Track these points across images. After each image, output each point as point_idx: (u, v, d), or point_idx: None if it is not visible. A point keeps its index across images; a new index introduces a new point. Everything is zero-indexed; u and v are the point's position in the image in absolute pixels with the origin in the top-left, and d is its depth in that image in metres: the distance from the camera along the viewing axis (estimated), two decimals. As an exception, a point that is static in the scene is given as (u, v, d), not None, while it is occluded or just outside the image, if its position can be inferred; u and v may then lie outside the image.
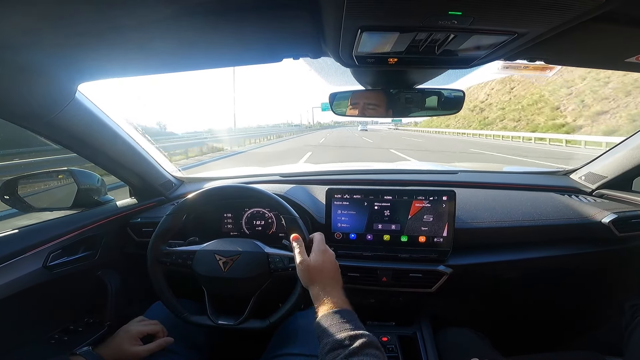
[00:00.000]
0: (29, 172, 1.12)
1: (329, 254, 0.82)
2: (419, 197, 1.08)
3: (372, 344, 0.60)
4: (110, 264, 1.18)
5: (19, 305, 0.89)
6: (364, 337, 0.60)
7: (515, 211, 1.19)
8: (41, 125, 0.91)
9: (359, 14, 0.56)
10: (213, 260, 0.93)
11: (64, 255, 1.01)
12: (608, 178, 1.28)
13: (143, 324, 0.94)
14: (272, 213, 1.29)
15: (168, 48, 0.77)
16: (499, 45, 0.68)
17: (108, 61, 0.82)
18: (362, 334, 0.61)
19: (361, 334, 0.61)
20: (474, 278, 1.22)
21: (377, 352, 0.59)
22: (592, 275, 1.31)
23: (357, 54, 0.73)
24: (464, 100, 0.98)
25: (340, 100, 1.01)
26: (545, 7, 0.53)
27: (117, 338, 0.88)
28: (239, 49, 0.83)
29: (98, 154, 1.09)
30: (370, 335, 0.61)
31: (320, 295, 0.73)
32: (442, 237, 1.09)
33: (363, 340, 0.59)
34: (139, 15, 0.60)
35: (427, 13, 0.55)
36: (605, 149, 1.37)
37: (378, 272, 1.11)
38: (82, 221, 1.10)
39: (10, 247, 0.90)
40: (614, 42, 0.75)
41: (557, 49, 0.79)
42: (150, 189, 1.34)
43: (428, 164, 1.94)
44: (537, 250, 1.16)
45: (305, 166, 1.90)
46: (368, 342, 0.59)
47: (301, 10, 0.63)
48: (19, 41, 0.63)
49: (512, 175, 1.61)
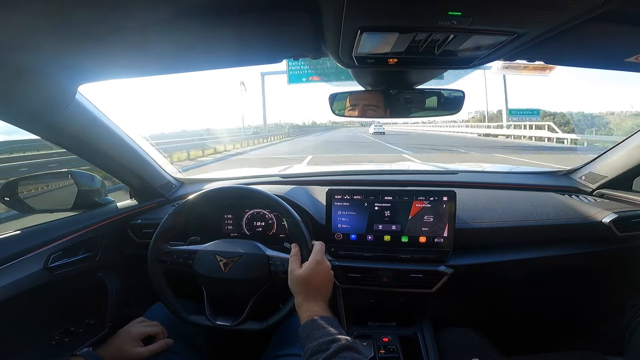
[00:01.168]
0: (29, 174, 1.12)
1: (324, 266, 0.82)
2: (419, 198, 1.08)
3: (349, 346, 0.62)
4: (111, 266, 1.19)
5: (19, 306, 0.89)
6: (341, 340, 0.63)
7: (516, 211, 1.19)
8: (41, 127, 0.91)
9: (359, 15, 0.56)
10: (214, 260, 0.93)
11: (64, 257, 1.01)
12: (608, 178, 1.28)
13: (144, 325, 0.94)
14: (272, 214, 1.29)
15: (168, 49, 0.78)
16: (499, 46, 0.68)
17: (108, 62, 0.82)
18: (339, 338, 0.64)
19: (338, 338, 0.64)
20: (474, 278, 1.21)
21: (354, 354, 0.61)
22: (593, 275, 1.31)
23: (356, 55, 0.73)
24: (464, 100, 0.99)
25: (340, 100, 1.01)
26: (545, 7, 0.53)
27: (118, 339, 0.88)
28: (239, 50, 0.83)
29: (98, 155, 1.09)
30: (347, 339, 0.64)
31: (301, 305, 0.76)
32: (442, 238, 1.08)
33: (339, 344, 0.62)
34: (139, 16, 0.60)
35: (427, 13, 0.55)
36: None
37: (378, 273, 1.11)
38: (82, 223, 1.10)
39: (11, 249, 0.90)
40: (614, 42, 0.75)
41: (557, 49, 0.79)
42: (151, 190, 1.34)
43: (428, 164, 1.94)
44: (538, 250, 1.15)
45: (305, 167, 1.90)
46: (344, 345, 0.62)
47: (301, 11, 0.63)
48: (19, 42, 0.63)
49: (513, 175, 1.61)
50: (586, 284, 1.33)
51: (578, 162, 1.47)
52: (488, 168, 1.94)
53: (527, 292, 1.38)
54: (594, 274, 1.31)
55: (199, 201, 0.99)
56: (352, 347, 0.63)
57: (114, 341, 0.88)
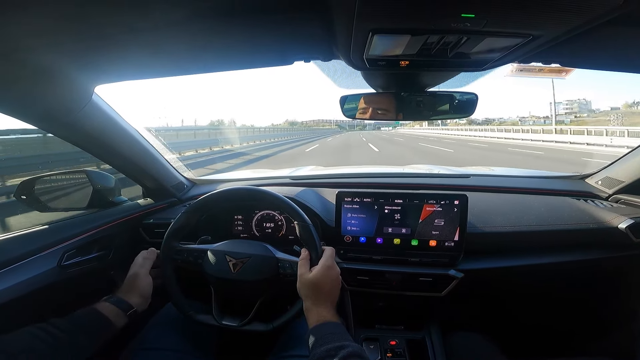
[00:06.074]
0: (46, 173, 1.15)
1: (333, 271, 0.84)
2: (430, 201, 1.07)
3: (356, 353, 0.63)
4: (123, 264, 1.20)
5: (33, 303, 0.91)
6: (348, 347, 0.64)
7: (529, 216, 1.17)
8: (59, 127, 0.93)
9: (370, 17, 0.55)
10: (223, 260, 0.93)
11: (78, 255, 1.03)
12: (625, 183, 1.25)
13: (143, 261, 0.97)
14: (282, 216, 1.30)
15: (181, 51, 0.79)
16: (513, 48, 0.67)
17: (123, 63, 0.83)
18: (347, 344, 0.65)
19: (346, 344, 0.65)
20: (485, 283, 1.20)
21: None
22: (606, 280, 1.28)
23: (368, 57, 0.73)
24: (477, 103, 0.97)
25: (351, 103, 1.01)
26: (561, 9, 0.52)
27: (134, 282, 0.92)
28: (251, 51, 0.84)
29: (113, 155, 1.11)
30: (354, 345, 0.66)
31: (310, 310, 0.78)
32: (453, 242, 1.07)
33: (347, 350, 0.63)
34: (154, 18, 0.61)
35: (439, 16, 0.55)
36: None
37: (387, 276, 1.10)
38: (96, 221, 1.12)
39: (26, 246, 0.92)
40: (632, 45, 0.74)
41: (573, 51, 0.78)
42: (163, 190, 1.35)
43: (439, 167, 1.92)
44: (551, 256, 1.13)
45: (315, 169, 1.90)
46: (352, 352, 0.63)
47: (312, 13, 0.63)
48: (37, 43, 0.65)
49: (526, 179, 1.59)
50: (599, 290, 1.30)
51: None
52: (500, 172, 1.91)
53: (538, 297, 1.35)
54: (607, 280, 1.28)
55: (211, 201, 1.00)
56: (360, 354, 0.63)
57: (132, 285, 0.91)
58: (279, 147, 20.83)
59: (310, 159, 12.94)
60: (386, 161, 11.95)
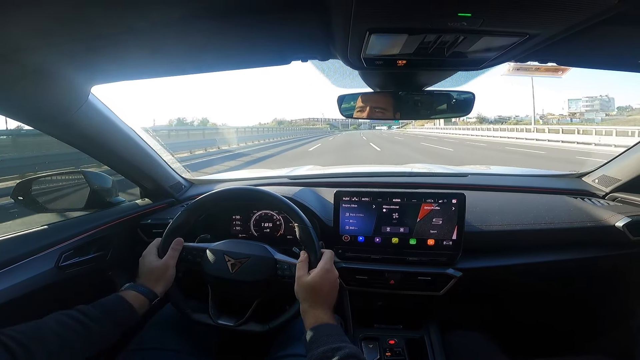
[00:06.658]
0: (43, 173, 1.14)
1: (332, 274, 0.84)
2: (428, 200, 1.08)
3: (353, 355, 0.64)
4: (121, 265, 1.20)
5: (31, 304, 0.90)
6: (344, 349, 0.64)
7: (527, 214, 1.17)
8: (55, 127, 0.93)
9: (367, 16, 0.56)
10: (222, 260, 0.93)
11: (76, 256, 1.02)
12: (622, 181, 1.26)
13: (172, 252, 0.95)
14: (280, 216, 1.30)
15: (179, 51, 0.79)
16: (510, 47, 0.68)
17: (121, 63, 0.83)
18: (344, 346, 0.65)
19: (343, 346, 0.65)
20: (483, 281, 1.20)
21: None
22: (604, 279, 1.29)
23: (365, 56, 0.73)
24: (474, 102, 0.98)
25: (349, 102, 1.01)
26: (557, 8, 0.52)
27: (165, 272, 0.91)
28: (249, 51, 0.84)
29: (110, 155, 1.11)
30: (350, 346, 0.66)
31: (307, 312, 0.78)
32: (451, 241, 1.08)
33: (344, 351, 0.63)
34: (152, 18, 0.61)
35: (436, 15, 0.55)
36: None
37: (386, 275, 1.10)
38: (94, 222, 1.11)
39: (24, 247, 0.92)
40: (628, 44, 0.74)
41: (570, 50, 0.78)
42: (161, 190, 1.35)
43: (437, 166, 1.92)
44: (548, 254, 1.14)
45: (313, 169, 1.90)
46: (349, 353, 0.63)
47: (310, 13, 0.63)
48: (34, 44, 0.64)
49: (524, 178, 1.59)
50: (597, 288, 1.31)
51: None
52: (498, 170, 1.92)
53: (537, 296, 1.36)
54: (605, 278, 1.29)
55: (211, 200, 1.00)
56: (356, 356, 0.64)
57: (157, 276, 0.90)
58: (275, 148, 19.50)
59: (311, 159, 12.88)
60: (387, 160, 11.93)
